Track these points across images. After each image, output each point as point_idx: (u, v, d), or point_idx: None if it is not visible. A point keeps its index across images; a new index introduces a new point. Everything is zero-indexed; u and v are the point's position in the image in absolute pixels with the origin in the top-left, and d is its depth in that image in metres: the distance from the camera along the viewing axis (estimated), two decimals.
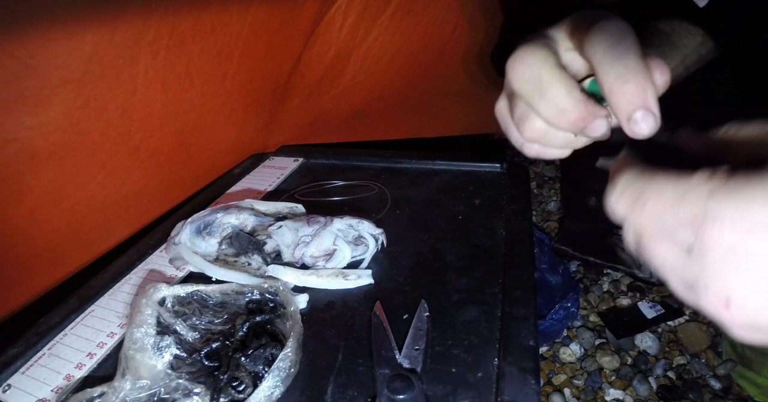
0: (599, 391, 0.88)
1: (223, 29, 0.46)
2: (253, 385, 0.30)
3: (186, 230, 0.43)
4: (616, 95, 0.18)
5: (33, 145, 0.38)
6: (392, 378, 0.29)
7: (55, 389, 0.32)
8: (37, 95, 0.36)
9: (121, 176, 0.47)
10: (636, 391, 0.86)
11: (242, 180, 0.59)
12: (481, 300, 0.37)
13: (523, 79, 0.22)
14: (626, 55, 0.18)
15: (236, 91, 0.54)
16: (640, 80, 0.18)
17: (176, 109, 0.49)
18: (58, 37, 0.34)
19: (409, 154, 0.61)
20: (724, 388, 0.85)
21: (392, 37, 0.63)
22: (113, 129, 0.43)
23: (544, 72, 0.21)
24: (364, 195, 0.54)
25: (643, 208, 0.16)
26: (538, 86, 0.21)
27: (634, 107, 0.18)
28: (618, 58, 0.18)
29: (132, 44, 0.39)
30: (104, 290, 0.42)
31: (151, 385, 0.29)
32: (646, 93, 0.18)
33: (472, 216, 0.48)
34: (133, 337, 0.31)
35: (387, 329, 0.34)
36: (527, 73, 0.22)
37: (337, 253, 0.41)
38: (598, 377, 0.90)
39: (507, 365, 0.31)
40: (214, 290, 0.36)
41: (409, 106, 0.82)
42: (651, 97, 0.18)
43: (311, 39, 0.57)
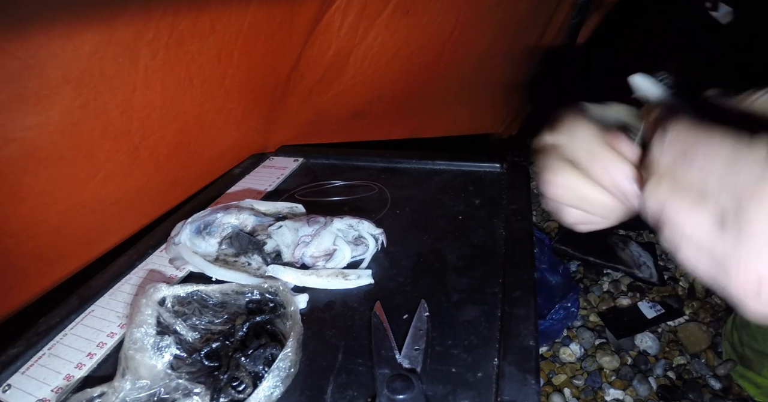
0: (599, 391, 0.88)
1: (222, 29, 0.46)
2: (253, 385, 0.30)
3: (186, 230, 0.43)
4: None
5: (33, 145, 0.38)
6: (392, 378, 0.29)
7: (55, 389, 0.32)
8: (37, 95, 0.36)
9: (121, 176, 0.47)
10: (636, 391, 0.86)
11: (242, 180, 0.59)
12: (481, 300, 0.37)
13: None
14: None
15: (236, 90, 0.54)
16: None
17: (176, 109, 0.49)
18: (57, 36, 0.34)
19: (409, 154, 0.61)
20: (724, 388, 0.85)
21: (391, 37, 0.64)
22: (113, 128, 0.43)
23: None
24: (364, 195, 0.54)
25: (692, 163, 0.14)
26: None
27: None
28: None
29: (131, 44, 0.39)
30: (104, 290, 0.42)
31: (151, 385, 0.29)
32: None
33: (472, 216, 0.48)
34: (133, 337, 0.31)
35: (387, 329, 0.34)
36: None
37: (337, 253, 0.41)
38: (598, 377, 0.90)
39: (507, 365, 0.31)
40: (214, 290, 0.36)
41: (409, 106, 0.82)
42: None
43: (311, 39, 0.57)
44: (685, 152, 0.15)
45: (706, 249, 0.14)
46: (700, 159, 0.14)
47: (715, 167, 0.14)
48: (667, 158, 0.16)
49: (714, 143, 0.14)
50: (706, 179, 0.14)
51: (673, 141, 0.15)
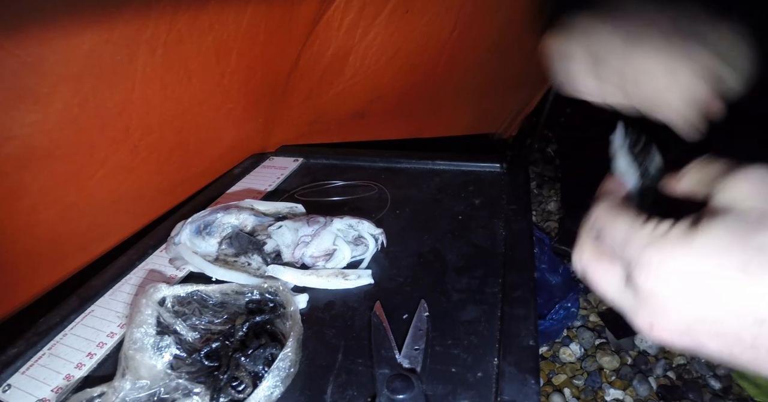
0: (599, 391, 0.88)
1: (220, 27, 0.46)
2: (252, 385, 0.30)
3: (186, 230, 0.43)
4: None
5: (32, 143, 0.38)
6: (392, 378, 0.29)
7: (55, 389, 0.32)
8: (36, 93, 0.36)
9: (121, 175, 0.47)
10: (636, 391, 0.86)
11: (242, 180, 0.59)
12: (481, 300, 0.37)
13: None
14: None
15: (235, 89, 0.54)
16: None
17: (175, 108, 0.49)
18: (56, 35, 0.34)
19: (409, 154, 0.61)
20: (724, 388, 0.85)
21: (391, 37, 0.63)
22: (112, 127, 0.43)
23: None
24: (364, 195, 0.54)
25: (603, 242, 0.20)
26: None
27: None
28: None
29: (130, 42, 0.39)
30: (104, 290, 0.42)
31: (151, 385, 0.29)
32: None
33: (472, 216, 0.48)
34: (133, 337, 0.31)
35: (387, 329, 0.34)
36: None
37: (337, 253, 0.41)
38: (598, 377, 0.90)
39: (507, 365, 0.31)
40: (214, 290, 0.36)
41: (409, 105, 0.82)
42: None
43: (310, 38, 0.57)
44: (600, 230, 0.20)
45: (618, 300, 0.20)
46: (609, 238, 0.20)
47: (616, 243, 0.19)
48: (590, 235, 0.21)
49: (618, 226, 0.19)
50: (611, 251, 0.20)
51: (592, 225, 0.21)
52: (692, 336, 0.17)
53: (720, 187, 0.18)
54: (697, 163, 0.20)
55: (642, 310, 0.18)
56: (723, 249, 0.16)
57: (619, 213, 0.20)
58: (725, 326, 0.16)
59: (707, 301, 0.16)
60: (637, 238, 0.18)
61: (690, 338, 0.17)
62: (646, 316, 0.18)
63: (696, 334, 0.17)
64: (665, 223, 0.18)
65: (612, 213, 0.20)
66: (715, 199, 0.18)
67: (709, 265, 0.16)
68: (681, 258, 0.17)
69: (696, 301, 0.17)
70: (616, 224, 0.19)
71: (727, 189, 0.18)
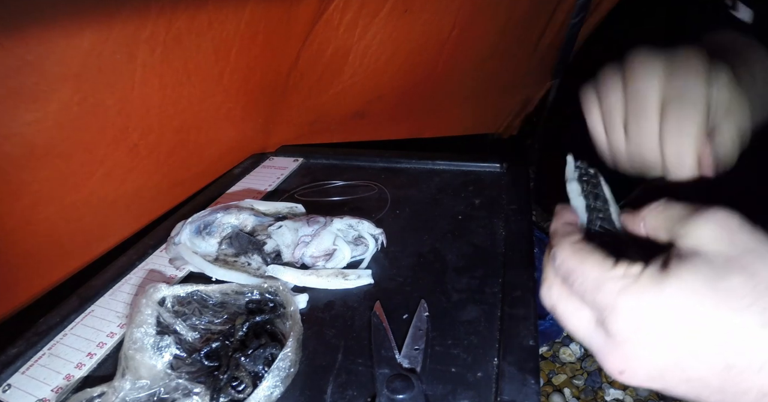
0: (599, 391, 0.88)
1: (219, 26, 0.46)
2: (252, 385, 0.30)
3: (186, 230, 0.43)
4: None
5: (31, 141, 0.38)
6: (392, 378, 0.29)
7: (55, 389, 0.32)
8: (35, 91, 0.36)
9: (120, 174, 0.47)
10: (636, 391, 0.86)
11: (242, 180, 0.59)
12: (481, 300, 0.37)
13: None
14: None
15: (234, 88, 0.54)
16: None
17: (174, 106, 0.48)
18: (55, 33, 0.34)
19: (409, 154, 0.61)
20: None
21: (390, 36, 0.63)
22: (111, 126, 0.43)
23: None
24: (364, 195, 0.54)
25: (572, 286, 0.20)
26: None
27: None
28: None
29: (129, 40, 0.39)
30: (104, 290, 0.41)
31: (150, 385, 0.29)
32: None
33: (472, 216, 0.48)
34: (133, 337, 0.31)
35: (387, 329, 0.34)
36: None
37: (337, 253, 0.41)
38: (598, 377, 0.90)
39: (507, 365, 0.31)
40: (214, 290, 0.36)
41: (409, 105, 0.82)
42: None
43: (309, 37, 0.57)
44: (567, 276, 0.20)
45: (587, 340, 0.20)
46: (577, 283, 0.20)
47: (587, 292, 0.19)
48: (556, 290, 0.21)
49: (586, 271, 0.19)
50: (582, 295, 0.19)
51: (559, 266, 0.21)
52: (662, 381, 0.18)
53: (684, 231, 0.18)
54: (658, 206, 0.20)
55: (613, 356, 0.18)
56: (693, 295, 0.16)
57: (585, 257, 0.20)
58: (695, 372, 0.17)
59: (679, 347, 0.17)
60: (608, 283, 0.18)
61: (659, 383, 0.18)
62: (618, 362, 0.18)
63: (666, 379, 0.17)
64: (635, 266, 0.18)
65: (578, 256, 0.20)
66: (681, 242, 0.18)
67: (681, 312, 0.17)
68: (653, 304, 0.17)
69: (668, 348, 0.17)
70: (585, 269, 0.19)
71: (691, 232, 0.18)
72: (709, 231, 0.18)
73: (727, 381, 0.16)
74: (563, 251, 0.21)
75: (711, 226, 0.18)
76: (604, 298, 0.18)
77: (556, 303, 0.21)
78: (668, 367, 0.17)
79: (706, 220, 0.18)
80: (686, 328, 0.16)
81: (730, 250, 0.17)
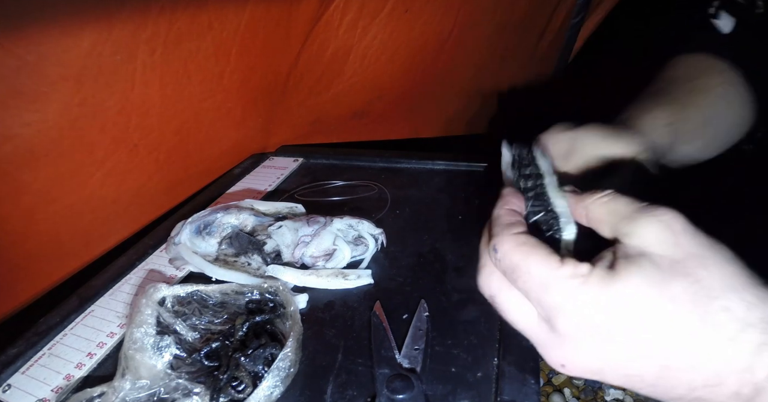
0: (599, 391, 0.88)
1: (219, 27, 0.46)
2: (252, 385, 0.30)
3: (186, 230, 0.43)
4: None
5: (31, 142, 0.38)
6: (392, 378, 0.29)
7: (55, 389, 0.32)
8: (35, 92, 0.36)
9: (120, 174, 0.47)
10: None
11: (242, 180, 0.59)
12: (481, 300, 0.36)
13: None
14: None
15: (234, 89, 0.54)
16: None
17: (174, 107, 0.48)
18: (55, 33, 0.34)
19: (409, 154, 0.61)
20: None
21: (390, 36, 0.63)
22: (111, 126, 0.43)
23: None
24: (364, 195, 0.54)
25: (516, 280, 0.20)
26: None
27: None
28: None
29: (129, 41, 0.39)
30: (104, 290, 0.41)
31: (150, 385, 0.29)
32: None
33: (472, 216, 0.48)
34: (133, 337, 0.31)
35: (387, 329, 0.34)
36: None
37: (337, 253, 0.41)
38: None
39: (507, 365, 0.31)
40: (214, 290, 0.36)
41: (409, 105, 0.82)
42: None
43: (310, 38, 0.57)
44: (511, 271, 0.20)
45: (528, 332, 0.20)
46: (521, 280, 0.19)
47: (532, 290, 0.19)
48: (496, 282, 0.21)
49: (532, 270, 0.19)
50: (527, 292, 0.19)
51: (501, 259, 0.20)
52: (601, 375, 0.18)
53: (629, 229, 0.18)
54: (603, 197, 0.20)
55: (556, 350, 0.19)
56: (639, 298, 0.17)
57: (529, 253, 0.19)
58: (633, 369, 0.18)
59: (621, 347, 0.17)
60: (555, 284, 0.18)
61: (598, 376, 0.19)
62: (560, 356, 0.19)
63: (604, 374, 0.18)
64: (582, 266, 0.18)
65: (521, 251, 0.19)
66: (626, 240, 0.18)
67: (626, 314, 0.17)
68: (601, 306, 0.17)
69: (610, 347, 0.18)
70: (530, 267, 0.19)
71: (637, 232, 0.18)
72: (655, 232, 0.18)
73: (661, 378, 0.17)
74: (505, 244, 0.20)
75: (656, 227, 0.18)
76: (552, 298, 0.18)
77: (495, 294, 0.21)
78: (609, 363, 0.18)
79: (652, 220, 0.18)
80: (629, 330, 0.17)
81: (675, 254, 0.17)
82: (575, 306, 0.18)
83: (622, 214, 0.19)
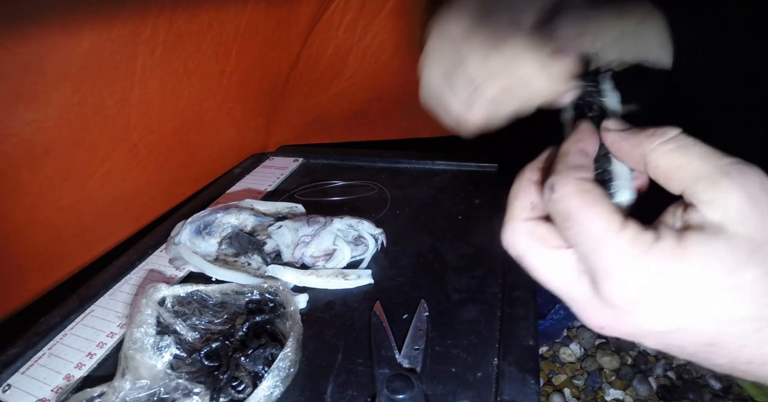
0: (599, 391, 0.88)
1: (219, 26, 0.46)
2: (252, 385, 0.30)
3: (186, 230, 0.43)
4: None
5: (31, 141, 0.38)
6: (392, 378, 0.29)
7: (55, 389, 0.32)
8: (35, 91, 0.36)
9: (120, 174, 0.47)
10: (636, 391, 0.86)
11: (242, 180, 0.59)
12: (481, 300, 0.37)
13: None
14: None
15: (234, 88, 0.54)
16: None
17: (174, 106, 0.48)
18: (55, 33, 0.34)
19: (409, 154, 0.61)
20: (724, 388, 0.85)
21: (390, 36, 0.63)
22: (111, 126, 0.43)
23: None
24: (363, 195, 0.54)
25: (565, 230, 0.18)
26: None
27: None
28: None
29: (129, 40, 0.39)
30: (104, 290, 0.41)
31: (150, 384, 0.29)
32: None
33: (472, 216, 0.48)
34: (133, 337, 0.31)
35: (387, 329, 0.34)
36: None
37: (337, 253, 0.41)
38: (598, 377, 0.90)
39: (507, 365, 0.31)
40: (214, 290, 0.36)
41: (409, 105, 0.82)
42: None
43: (309, 38, 0.57)
44: (565, 217, 0.18)
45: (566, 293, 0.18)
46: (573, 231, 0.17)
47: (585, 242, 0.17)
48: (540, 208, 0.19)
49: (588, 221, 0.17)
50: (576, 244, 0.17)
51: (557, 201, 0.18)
52: (640, 339, 0.17)
53: (708, 196, 0.16)
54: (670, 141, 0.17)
55: (598, 312, 0.18)
56: (705, 280, 0.16)
57: (591, 203, 0.17)
58: (677, 341, 0.17)
59: (671, 322, 0.16)
60: (612, 247, 0.16)
61: (636, 339, 0.18)
62: (602, 319, 0.18)
63: (644, 339, 0.17)
64: (646, 234, 0.16)
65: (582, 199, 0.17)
66: (704, 209, 0.16)
67: (686, 292, 0.16)
68: (660, 280, 0.16)
69: (659, 320, 0.16)
70: (587, 218, 0.17)
71: (721, 203, 0.16)
72: (739, 205, 0.15)
73: (701, 352, 0.17)
74: (567, 186, 0.17)
75: (742, 198, 0.15)
76: (605, 261, 0.16)
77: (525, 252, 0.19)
78: (653, 334, 0.17)
79: (739, 191, 0.16)
80: (684, 311, 0.16)
81: (757, 236, 0.15)
82: (631, 276, 0.16)
83: (698, 173, 0.16)
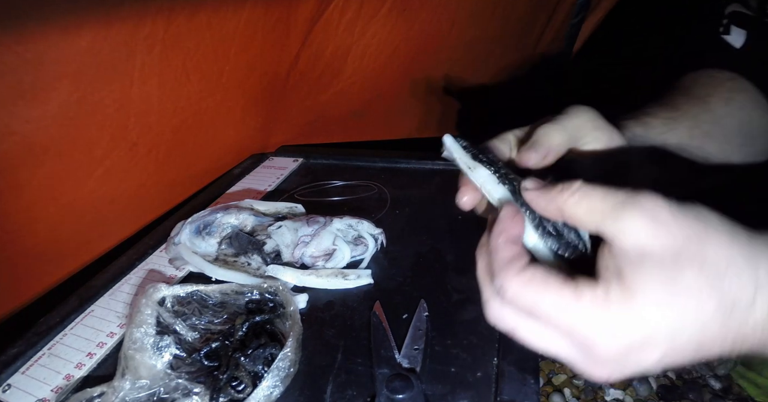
0: (599, 391, 0.88)
1: (218, 25, 0.46)
2: (252, 384, 0.30)
3: (186, 230, 0.43)
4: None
5: (30, 139, 0.38)
6: (391, 378, 0.29)
7: (55, 389, 0.32)
8: (34, 89, 0.36)
9: (120, 173, 0.47)
10: (636, 391, 0.86)
11: (242, 180, 0.59)
12: (480, 300, 0.37)
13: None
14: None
15: (234, 88, 0.54)
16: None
17: (173, 105, 0.48)
18: (54, 31, 0.34)
19: (409, 154, 0.61)
20: (724, 388, 0.85)
21: (389, 35, 0.63)
22: (110, 124, 0.43)
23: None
24: (363, 195, 0.54)
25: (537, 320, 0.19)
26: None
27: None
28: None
29: (128, 39, 0.39)
30: (104, 290, 0.41)
31: (150, 384, 0.29)
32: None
33: (472, 216, 0.48)
34: (132, 337, 0.31)
35: (386, 329, 0.34)
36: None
37: (337, 253, 0.41)
38: None
39: (506, 365, 0.31)
40: (213, 290, 0.36)
41: (408, 105, 0.82)
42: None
43: (309, 37, 0.57)
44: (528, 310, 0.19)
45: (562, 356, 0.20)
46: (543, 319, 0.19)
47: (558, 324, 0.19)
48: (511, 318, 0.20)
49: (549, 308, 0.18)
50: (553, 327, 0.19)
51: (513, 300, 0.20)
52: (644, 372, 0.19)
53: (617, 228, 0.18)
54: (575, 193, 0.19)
55: (602, 369, 0.19)
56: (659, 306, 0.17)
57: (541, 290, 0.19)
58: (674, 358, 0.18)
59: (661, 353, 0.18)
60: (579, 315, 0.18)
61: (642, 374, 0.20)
62: (606, 373, 0.19)
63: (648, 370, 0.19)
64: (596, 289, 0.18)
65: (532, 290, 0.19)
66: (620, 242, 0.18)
67: (657, 323, 0.17)
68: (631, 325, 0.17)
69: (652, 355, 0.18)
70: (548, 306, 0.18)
71: (627, 231, 0.18)
72: (644, 228, 0.17)
73: (699, 354, 0.18)
74: (512, 286, 0.19)
75: (644, 222, 0.17)
76: (583, 331, 0.18)
77: (514, 327, 0.20)
78: (649, 367, 0.19)
79: (636, 216, 0.17)
80: (664, 339, 0.17)
81: (673, 244, 0.17)
82: (608, 333, 0.18)
83: (602, 212, 0.18)
